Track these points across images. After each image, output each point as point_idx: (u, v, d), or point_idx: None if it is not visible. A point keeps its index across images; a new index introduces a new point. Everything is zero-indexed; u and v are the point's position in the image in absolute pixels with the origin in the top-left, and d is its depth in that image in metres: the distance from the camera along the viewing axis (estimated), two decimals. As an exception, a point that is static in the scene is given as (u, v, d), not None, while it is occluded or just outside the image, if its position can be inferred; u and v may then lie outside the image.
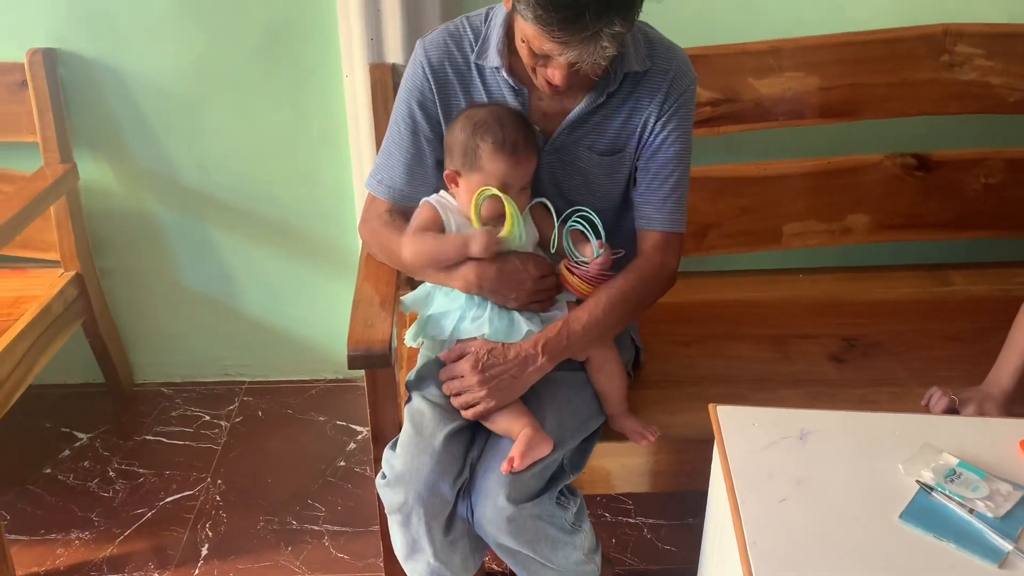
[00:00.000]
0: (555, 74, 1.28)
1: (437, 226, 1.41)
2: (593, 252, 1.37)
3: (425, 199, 1.44)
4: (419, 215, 1.43)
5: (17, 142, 1.97)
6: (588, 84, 1.38)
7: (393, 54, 1.80)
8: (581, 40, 1.19)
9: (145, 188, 2.08)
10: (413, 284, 1.57)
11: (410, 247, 1.40)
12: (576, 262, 1.39)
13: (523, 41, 1.27)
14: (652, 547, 1.83)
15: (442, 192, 1.45)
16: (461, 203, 1.40)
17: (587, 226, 1.36)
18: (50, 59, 1.90)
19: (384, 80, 1.79)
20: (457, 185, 1.39)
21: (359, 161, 1.93)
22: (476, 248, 1.35)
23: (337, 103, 1.96)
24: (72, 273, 2.03)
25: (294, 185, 2.08)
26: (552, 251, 1.41)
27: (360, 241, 1.65)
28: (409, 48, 1.78)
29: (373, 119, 1.82)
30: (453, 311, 1.42)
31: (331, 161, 2.04)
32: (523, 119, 1.38)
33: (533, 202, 1.39)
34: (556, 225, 1.38)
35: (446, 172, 1.40)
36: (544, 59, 1.27)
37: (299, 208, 2.10)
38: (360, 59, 1.81)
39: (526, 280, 1.37)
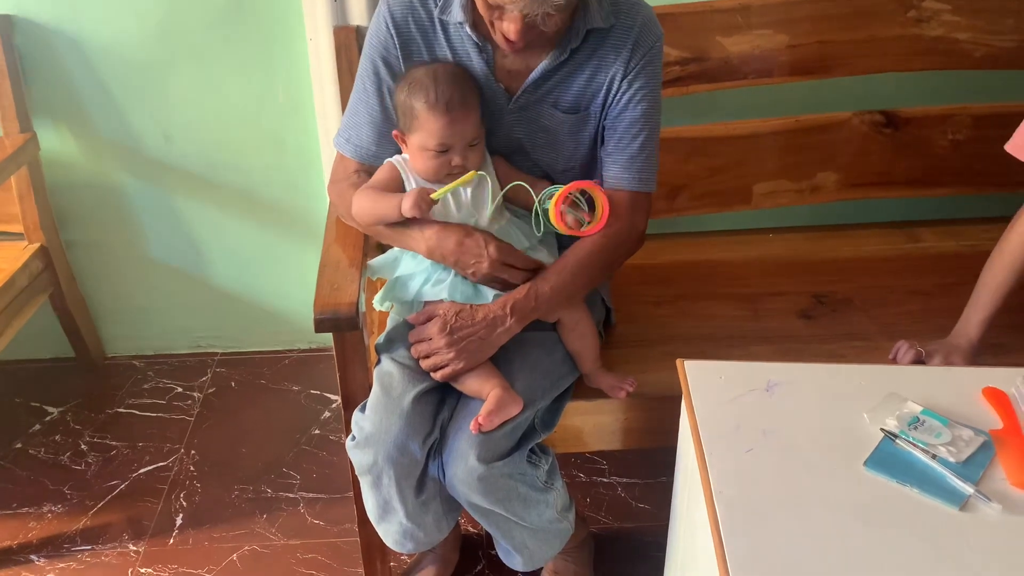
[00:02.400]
0: (510, 28, 1.26)
1: (396, 185, 1.40)
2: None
3: (389, 159, 1.42)
4: (379, 173, 1.41)
5: (-26, 112, 1.93)
6: (550, 42, 1.36)
7: (357, 16, 1.77)
8: None
9: (108, 158, 2.05)
10: (381, 248, 1.56)
11: (355, 203, 1.40)
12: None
13: None
14: (626, 505, 1.85)
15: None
16: (413, 164, 1.39)
17: (581, 198, 1.38)
18: (6, 26, 1.85)
19: (348, 43, 1.76)
20: (406, 145, 1.39)
21: (325, 126, 1.91)
22: (405, 205, 1.33)
23: (302, 68, 1.93)
24: (36, 246, 2.00)
25: (260, 153, 2.05)
26: (539, 232, 1.40)
27: (327, 207, 1.64)
28: (372, 9, 1.76)
29: (338, 83, 1.79)
30: (419, 273, 1.41)
31: (297, 127, 2.01)
32: (463, 76, 1.36)
33: (509, 186, 1.37)
34: (537, 202, 1.37)
35: (394, 132, 1.40)
36: (499, 11, 1.26)
37: (266, 176, 2.08)
38: (324, 22, 1.79)
39: (483, 259, 1.35)
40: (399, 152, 1.44)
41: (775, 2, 1.78)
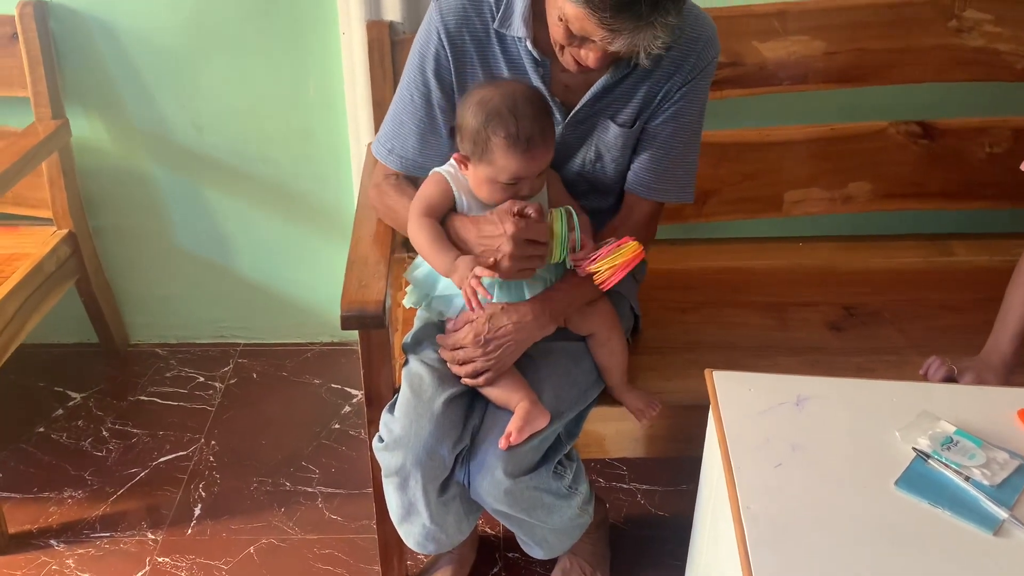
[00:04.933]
0: (589, 56, 1.21)
1: (447, 201, 1.34)
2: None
3: (436, 169, 1.37)
4: (428, 187, 1.35)
5: (8, 96, 1.93)
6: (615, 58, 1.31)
7: (391, 11, 1.76)
8: (633, 29, 1.12)
9: (139, 146, 2.06)
10: (409, 246, 1.55)
11: (412, 234, 1.34)
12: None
13: (560, 20, 1.19)
14: (646, 512, 1.83)
15: (454, 161, 1.36)
16: (475, 189, 1.33)
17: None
18: (41, 12, 1.86)
19: (381, 38, 1.75)
20: (467, 168, 1.32)
21: (356, 121, 1.90)
22: (457, 277, 1.27)
23: (334, 62, 1.93)
24: (65, 231, 2.01)
25: (290, 145, 2.05)
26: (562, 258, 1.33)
27: (356, 202, 1.63)
28: (407, 6, 1.75)
29: (370, 78, 1.78)
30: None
31: (328, 121, 2.01)
32: (540, 103, 1.28)
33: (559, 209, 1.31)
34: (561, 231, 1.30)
35: (455, 155, 1.33)
36: (580, 40, 1.20)
37: (295, 169, 2.08)
38: (357, 16, 1.78)
39: (502, 237, 1.27)
40: (442, 160, 1.38)
41: (813, 8, 1.76)
